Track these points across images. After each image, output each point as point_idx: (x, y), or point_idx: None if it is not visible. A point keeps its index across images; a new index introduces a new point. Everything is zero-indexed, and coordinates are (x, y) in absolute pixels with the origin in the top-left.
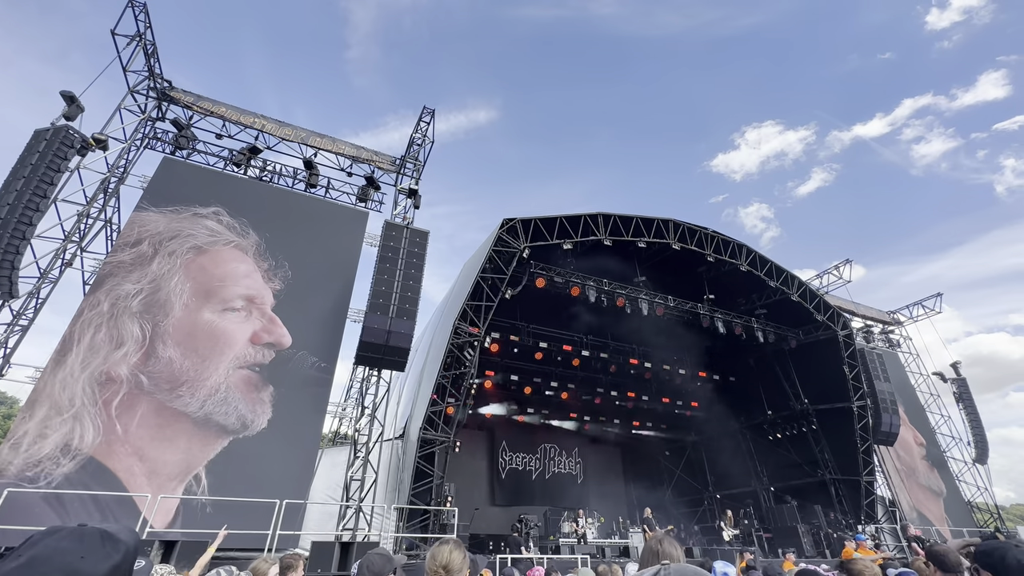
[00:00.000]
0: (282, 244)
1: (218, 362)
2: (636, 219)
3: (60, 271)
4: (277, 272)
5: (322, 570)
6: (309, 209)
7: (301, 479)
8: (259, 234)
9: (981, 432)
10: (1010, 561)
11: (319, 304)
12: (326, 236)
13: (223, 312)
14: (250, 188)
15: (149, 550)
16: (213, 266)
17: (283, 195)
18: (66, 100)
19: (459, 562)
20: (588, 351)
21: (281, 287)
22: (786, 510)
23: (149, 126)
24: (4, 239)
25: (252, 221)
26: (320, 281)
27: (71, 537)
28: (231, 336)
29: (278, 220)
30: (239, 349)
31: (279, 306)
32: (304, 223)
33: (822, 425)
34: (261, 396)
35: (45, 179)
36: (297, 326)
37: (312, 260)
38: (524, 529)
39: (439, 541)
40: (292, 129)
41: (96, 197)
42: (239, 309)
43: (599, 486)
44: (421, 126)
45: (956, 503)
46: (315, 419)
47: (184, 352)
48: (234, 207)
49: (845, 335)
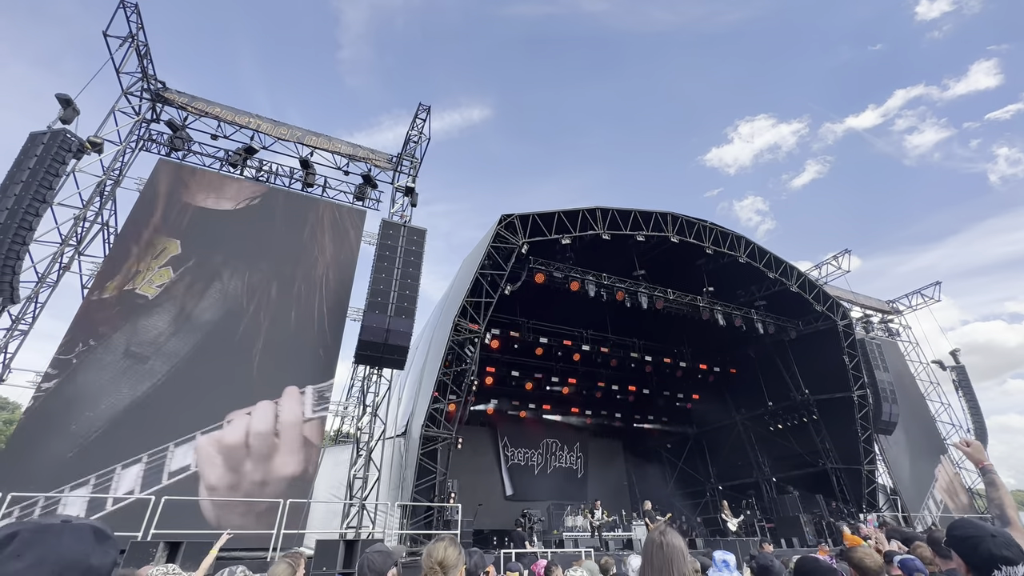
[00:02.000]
0: (280, 244)
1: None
2: (634, 213)
3: (58, 275)
4: (276, 273)
5: (327, 568)
6: (306, 208)
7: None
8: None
9: (980, 419)
10: (983, 551)
11: (318, 303)
12: (324, 235)
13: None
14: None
15: (154, 551)
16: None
17: (282, 195)
18: (62, 103)
19: (454, 558)
20: (588, 346)
21: (280, 287)
22: (788, 500)
23: (144, 128)
24: (5, 244)
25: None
26: (318, 280)
27: (71, 535)
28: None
29: (276, 220)
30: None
31: (279, 307)
32: (302, 222)
33: (823, 415)
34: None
35: (44, 184)
36: (297, 326)
37: (311, 259)
38: (527, 524)
39: (435, 538)
40: (288, 128)
41: (92, 200)
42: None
43: (601, 480)
44: (417, 123)
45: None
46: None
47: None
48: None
49: (844, 325)
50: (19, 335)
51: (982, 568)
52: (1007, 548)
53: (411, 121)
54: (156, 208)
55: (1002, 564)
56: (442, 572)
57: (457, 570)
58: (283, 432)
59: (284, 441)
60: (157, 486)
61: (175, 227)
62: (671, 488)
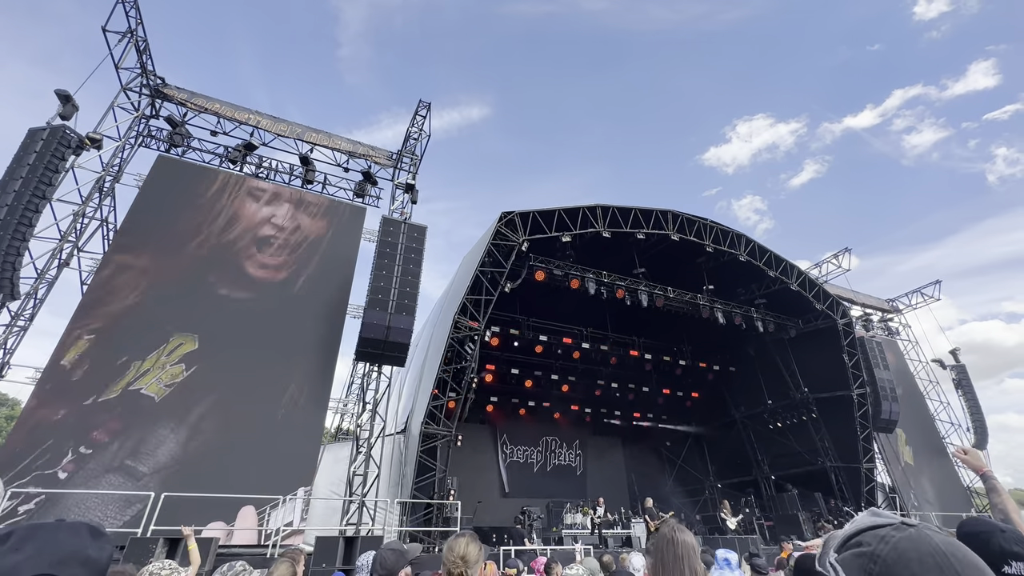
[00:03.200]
0: (281, 242)
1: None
2: (635, 210)
3: (57, 271)
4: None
5: (327, 564)
6: (306, 205)
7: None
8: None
9: (980, 418)
10: (994, 547)
11: (319, 300)
12: (325, 232)
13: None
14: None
15: (154, 547)
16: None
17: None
18: (61, 99)
19: (475, 554)
20: (588, 343)
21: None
22: (787, 498)
23: (143, 124)
24: (5, 241)
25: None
26: (319, 277)
27: (67, 530)
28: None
29: (276, 219)
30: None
31: (281, 303)
32: (302, 219)
33: (822, 413)
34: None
35: (44, 180)
36: (297, 323)
37: (311, 256)
38: (527, 521)
39: (455, 534)
40: (287, 125)
41: (91, 196)
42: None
43: (600, 477)
44: (417, 120)
45: (956, 489)
46: (317, 415)
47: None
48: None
49: (844, 324)
50: (18, 331)
51: (993, 563)
52: (1018, 544)
53: (411, 118)
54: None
55: (1012, 559)
56: (464, 566)
57: (479, 565)
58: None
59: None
60: None
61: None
62: (670, 486)
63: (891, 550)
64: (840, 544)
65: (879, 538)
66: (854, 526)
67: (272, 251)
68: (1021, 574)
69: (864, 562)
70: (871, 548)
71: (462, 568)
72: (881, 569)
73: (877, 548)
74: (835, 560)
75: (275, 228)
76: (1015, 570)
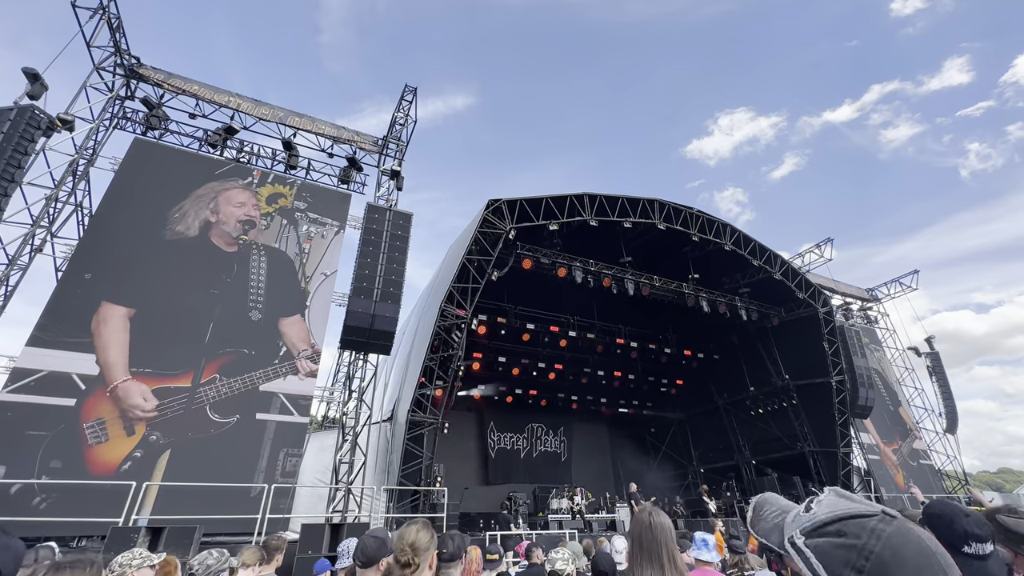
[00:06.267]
0: (264, 227)
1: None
2: (622, 199)
3: (30, 257)
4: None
5: (312, 551)
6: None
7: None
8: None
9: (952, 404)
10: (957, 528)
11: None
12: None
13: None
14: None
15: (136, 537)
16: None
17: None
18: (29, 78)
19: (425, 541)
20: (575, 331)
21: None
22: (766, 482)
23: (118, 105)
24: None
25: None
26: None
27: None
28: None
29: (257, 204)
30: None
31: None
32: (283, 204)
33: (802, 400)
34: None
35: (12, 162)
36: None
37: (293, 244)
38: (513, 507)
39: (408, 522)
40: (269, 108)
41: (65, 180)
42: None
43: (586, 463)
44: (403, 105)
45: (927, 470)
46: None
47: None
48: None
49: (825, 312)
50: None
51: (955, 544)
52: (978, 527)
53: (397, 103)
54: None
55: (972, 541)
56: (412, 554)
57: (428, 553)
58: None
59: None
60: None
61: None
62: (654, 471)
63: (884, 547)
64: (812, 528)
65: (868, 531)
66: (831, 512)
67: (253, 235)
68: (980, 553)
69: (851, 556)
70: (861, 542)
71: (409, 556)
72: (874, 567)
73: (868, 543)
74: (805, 544)
75: (256, 213)
76: (974, 550)
